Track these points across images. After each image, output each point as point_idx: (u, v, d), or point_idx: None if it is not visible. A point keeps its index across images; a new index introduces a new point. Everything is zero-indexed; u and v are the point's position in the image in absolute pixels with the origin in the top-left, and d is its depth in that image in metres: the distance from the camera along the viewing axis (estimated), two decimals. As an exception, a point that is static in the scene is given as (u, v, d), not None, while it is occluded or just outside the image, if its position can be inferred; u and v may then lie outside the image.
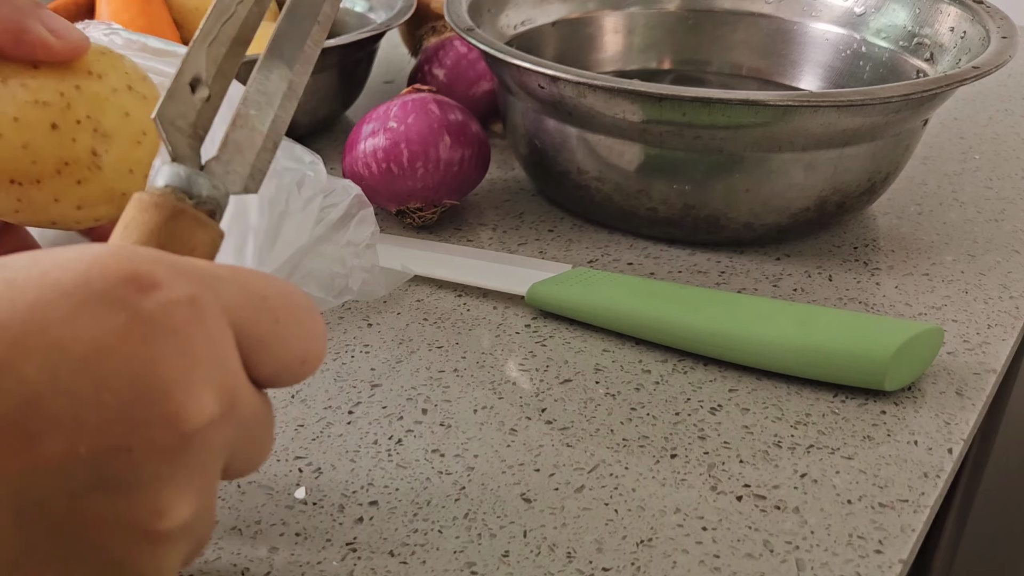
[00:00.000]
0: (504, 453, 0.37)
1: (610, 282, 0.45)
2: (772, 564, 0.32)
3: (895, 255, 0.51)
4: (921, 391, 0.40)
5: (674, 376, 0.41)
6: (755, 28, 0.63)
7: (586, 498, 0.35)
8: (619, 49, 0.65)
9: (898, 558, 0.32)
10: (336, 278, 0.41)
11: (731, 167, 0.47)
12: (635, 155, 0.48)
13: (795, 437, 0.38)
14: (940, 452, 0.37)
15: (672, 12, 0.64)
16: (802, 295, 0.47)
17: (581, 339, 0.44)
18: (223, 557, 0.32)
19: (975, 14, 0.52)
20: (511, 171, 0.60)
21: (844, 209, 0.51)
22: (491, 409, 0.39)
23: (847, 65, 0.59)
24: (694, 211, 0.49)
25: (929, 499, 0.35)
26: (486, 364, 0.42)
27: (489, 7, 0.58)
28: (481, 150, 0.52)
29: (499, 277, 0.46)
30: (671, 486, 0.35)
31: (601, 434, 0.38)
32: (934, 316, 0.45)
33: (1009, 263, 0.50)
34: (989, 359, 0.42)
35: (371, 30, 0.59)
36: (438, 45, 0.63)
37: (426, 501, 0.34)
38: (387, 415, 0.39)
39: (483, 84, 0.62)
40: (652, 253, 0.51)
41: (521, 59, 0.47)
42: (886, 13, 0.58)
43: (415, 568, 0.32)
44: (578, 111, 0.48)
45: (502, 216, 0.54)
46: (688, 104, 0.44)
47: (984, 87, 0.75)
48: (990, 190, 0.58)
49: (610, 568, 0.32)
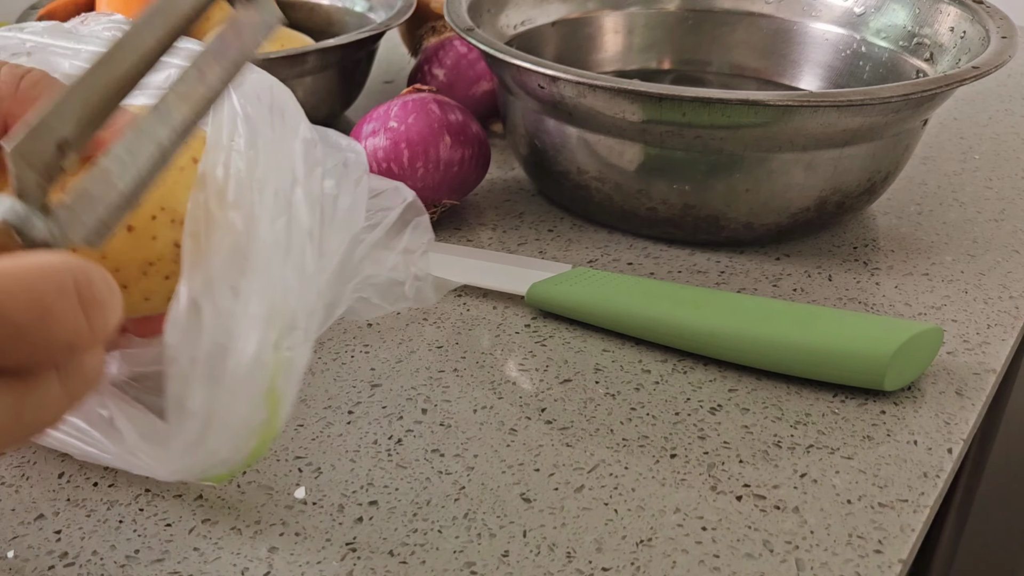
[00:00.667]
0: (504, 453, 0.37)
1: (610, 282, 0.45)
2: (772, 564, 0.32)
3: (895, 255, 0.51)
4: (921, 391, 0.40)
5: (674, 376, 0.41)
6: (755, 28, 0.63)
7: (586, 498, 0.35)
8: (619, 49, 0.65)
9: (898, 558, 0.32)
10: (394, 286, 0.41)
11: (731, 167, 0.47)
12: (635, 155, 0.48)
13: (795, 437, 0.38)
14: (940, 452, 0.37)
15: (672, 12, 0.64)
16: (802, 295, 0.47)
17: (581, 339, 0.44)
18: (223, 557, 0.32)
19: (975, 14, 0.52)
20: (511, 171, 0.60)
21: (844, 209, 0.51)
22: (491, 409, 0.39)
23: (847, 65, 0.59)
24: (694, 211, 0.49)
25: (929, 499, 0.35)
26: (486, 364, 0.42)
27: (489, 7, 0.58)
28: (481, 150, 0.52)
29: (499, 277, 0.47)
30: (671, 486, 0.35)
31: (601, 434, 0.38)
32: (934, 316, 0.45)
33: (1009, 263, 0.50)
34: (989, 359, 0.42)
35: (371, 30, 0.59)
36: (438, 45, 0.63)
37: (426, 501, 0.35)
38: (387, 415, 0.39)
39: (483, 84, 0.62)
40: (652, 253, 0.51)
41: (521, 59, 0.47)
42: (886, 13, 0.58)
43: (415, 568, 0.32)
44: (578, 111, 0.48)
45: (502, 216, 0.54)
46: (688, 104, 0.44)
47: (984, 87, 0.75)
48: (990, 190, 0.58)
49: (610, 568, 0.32)
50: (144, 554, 0.32)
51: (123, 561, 0.32)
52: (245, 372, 0.29)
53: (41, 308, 0.20)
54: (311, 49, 0.57)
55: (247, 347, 0.29)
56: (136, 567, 0.32)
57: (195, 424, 0.29)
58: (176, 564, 0.32)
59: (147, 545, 0.33)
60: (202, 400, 0.29)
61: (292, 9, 0.71)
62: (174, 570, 0.32)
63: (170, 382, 0.29)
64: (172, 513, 0.34)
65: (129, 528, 0.34)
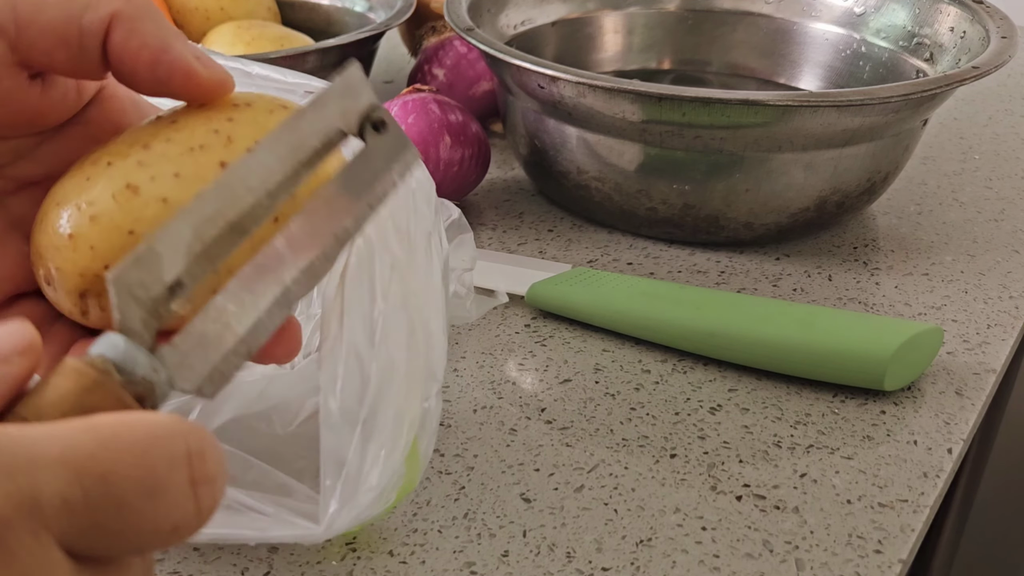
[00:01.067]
0: (504, 453, 0.37)
1: (610, 282, 0.45)
2: (772, 564, 0.32)
3: (895, 255, 0.51)
4: (921, 391, 0.40)
5: (674, 376, 0.41)
6: (755, 28, 0.63)
7: (586, 498, 0.35)
8: (619, 49, 0.65)
9: (898, 558, 0.32)
10: None
11: (731, 167, 0.47)
12: (635, 155, 0.48)
13: (795, 437, 0.38)
14: (940, 452, 0.37)
15: (672, 12, 0.64)
16: (802, 295, 0.47)
17: (581, 339, 0.44)
18: (223, 557, 0.32)
19: (975, 14, 0.52)
20: (511, 171, 0.60)
21: (844, 209, 0.51)
22: (491, 409, 0.39)
23: (847, 65, 0.59)
24: (694, 211, 0.49)
25: (929, 499, 0.35)
26: (486, 364, 0.42)
27: (489, 7, 0.58)
28: (481, 150, 0.52)
29: (499, 277, 0.46)
30: (671, 486, 0.35)
31: (601, 434, 0.38)
32: (934, 316, 0.45)
33: (1009, 263, 0.50)
34: (989, 359, 0.42)
35: (371, 30, 0.59)
36: (438, 45, 0.63)
37: (426, 501, 0.34)
38: (387, 415, 0.39)
39: (483, 84, 0.62)
40: (652, 253, 0.51)
41: (521, 59, 0.47)
42: (886, 13, 0.58)
43: (415, 568, 0.32)
44: (578, 111, 0.48)
45: (502, 216, 0.54)
46: (688, 104, 0.44)
47: (984, 87, 0.75)
48: (990, 190, 0.58)
49: (609, 568, 0.32)
50: (144, 554, 0.32)
51: (123, 561, 0.32)
52: (393, 425, 0.28)
53: (153, 482, 0.17)
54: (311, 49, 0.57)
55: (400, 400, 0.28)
56: (136, 567, 0.32)
57: (351, 481, 0.28)
58: (176, 564, 0.32)
59: (147, 545, 0.33)
60: (359, 455, 0.28)
61: (292, 9, 0.71)
62: (174, 570, 0.32)
63: (326, 434, 0.28)
64: (172, 513, 0.34)
65: (129, 528, 0.33)
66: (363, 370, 0.28)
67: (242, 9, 0.66)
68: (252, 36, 0.61)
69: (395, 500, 0.30)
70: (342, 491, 0.28)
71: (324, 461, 0.28)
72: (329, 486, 0.28)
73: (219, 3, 0.65)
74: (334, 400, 0.28)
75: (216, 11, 0.65)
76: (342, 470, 0.28)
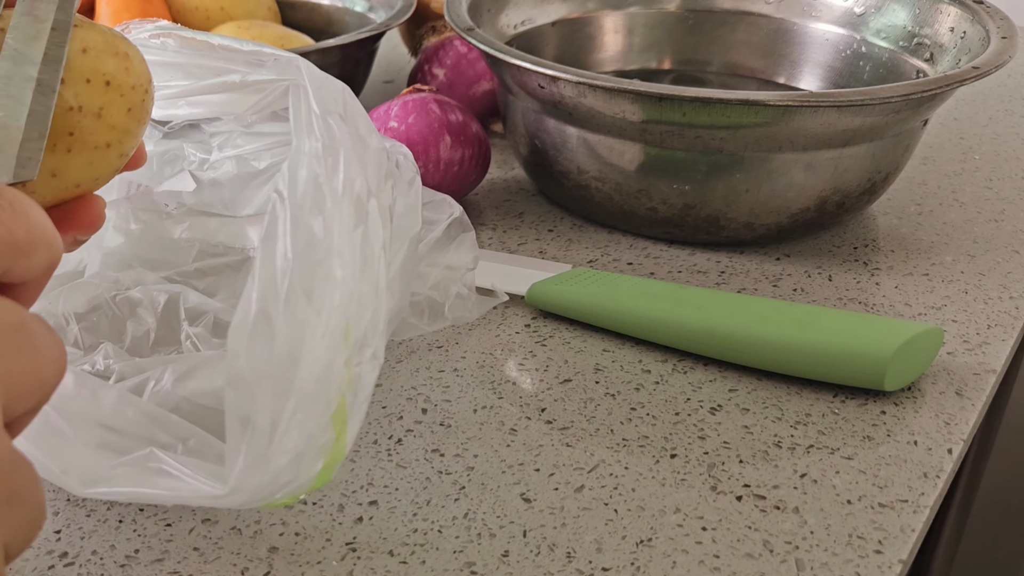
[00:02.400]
0: (504, 453, 0.37)
1: (610, 282, 0.45)
2: (772, 564, 0.32)
3: (895, 255, 0.51)
4: (921, 391, 0.40)
5: (674, 376, 0.41)
6: (755, 28, 0.63)
7: (586, 498, 0.35)
8: (619, 49, 0.65)
9: (898, 558, 0.32)
10: (433, 305, 0.39)
11: (731, 167, 0.47)
12: (635, 155, 0.48)
13: (795, 437, 0.38)
14: (940, 452, 0.37)
15: (672, 12, 0.64)
16: (802, 295, 0.47)
17: (581, 339, 0.44)
18: (223, 557, 0.32)
19: (975, 14, 0.52)
20: (511, 171, 0.60)
21: (844, 209, 0.51)
22: (491, 409, 0.39)
23: (847, 65, 0.59)
24: (694, 211, 0.49)
25: (929, 499, 0.35)
26: (486, 364, 0.42)
27: (489, 7, 0.58)
28: (481, 150, 0.52)
29: (499, 277, 0.46)
30: (671, 486, 0.35)
31: (601, 434, 0.38)
32: (934, 316, 0.45)
33: (1009, 263, 0.50)
34: (989, 359, 0.42)
35: (371, 30, 0.59)
36: (438, 45, 0.63)
37: (426, 501, 0.35)
38: (387, 415, 0.39)
39: (483, 84, 0.62)
40: (652, 253, 0.51)
41: (521, 59, 0.47)
42: (886, 13, 0.58)
43: (415, 568, 0.32)
44: (578, 111, 0.48)
45: (502, 216, 0.54)
46: (688, 104, 0.44)
47: (984, 87, 0.75)
48: (990, 190, 0.58)
49: (610, 568, 0.32)
50: (144, 554, 0.32)
51: (123, 561, 0.32)
52: (314, 387, 0.27)
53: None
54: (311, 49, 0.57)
55: (318, 360, 0.27)
56: (136, 567, 0.32)
57: (259, 440, 0.27)
58: (176, 564, 0.32)
59: (147, 545, 0.33)
60: (268, 415, 0.27)
61: (292, 9, 0.71)
62: (174, 570, 0.32)
63: (231, 394, 0.27)
64: (172, 513, 0.34)
65: (129, 528, 0.33)
66: (272, 328, 0.27)
67: (242, 9, 0.66)
68: (252, 36, 0.61)
69: (323, 468, 0.28)
70: (247, 451, 0.27)
71: (228, 420, 0.27)
72: (233, 446, 0.27)
73: (219, 3, 0.65)
74: (242, 359, 0.27)
75: (216, 11, 0.65)
76: (247, 427, 0.27)
